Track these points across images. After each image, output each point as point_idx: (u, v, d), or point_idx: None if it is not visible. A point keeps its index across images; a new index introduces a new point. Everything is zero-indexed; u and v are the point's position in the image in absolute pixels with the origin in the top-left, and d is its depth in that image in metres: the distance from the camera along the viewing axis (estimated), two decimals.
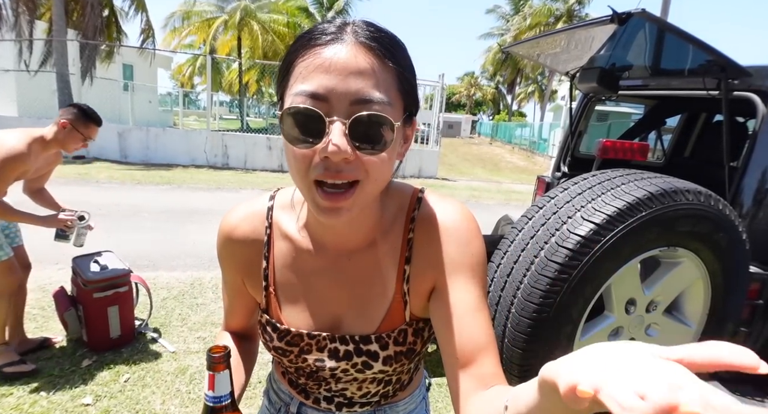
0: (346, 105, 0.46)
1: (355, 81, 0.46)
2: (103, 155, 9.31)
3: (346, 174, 0.48)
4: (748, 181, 1.69)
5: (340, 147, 0.45)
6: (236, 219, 0.66)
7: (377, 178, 0.50)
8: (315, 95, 0.46)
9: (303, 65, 0.48)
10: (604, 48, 2.03)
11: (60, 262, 3.46)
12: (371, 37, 0.48)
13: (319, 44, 0.47)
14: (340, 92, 0.46)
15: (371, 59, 0.47)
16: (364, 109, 0.46)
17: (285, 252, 0.64)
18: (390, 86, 0.48)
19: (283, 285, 0.64)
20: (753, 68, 1.76)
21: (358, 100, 0.46)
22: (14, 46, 10.13)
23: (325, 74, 0.46)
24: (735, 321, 1.53)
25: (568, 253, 1.23)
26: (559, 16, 24.61)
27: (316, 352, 0.63)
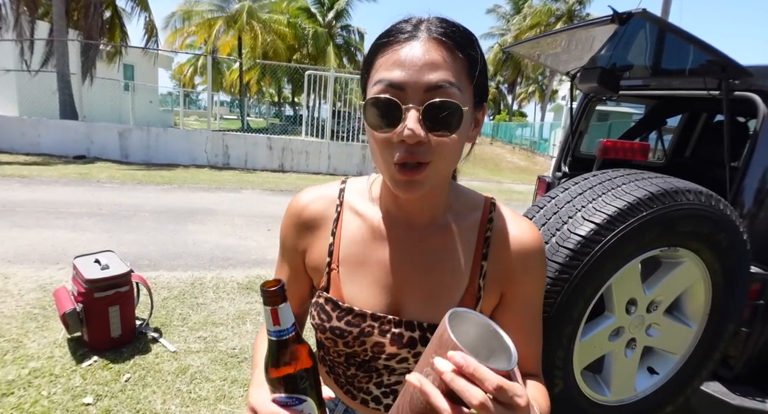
0: (420, 93, 0.52)
1: (429, 71, 0.51)
2: (104, 155, 9.32)
3: (421, 156, 0.53)
4: (748, 181, 1.69)
5: (414, 131, 0.51)
6: (308, 197, 0.69)
7: (447, 157, 0.55)
8: (393, 85, 0.52)
9: (383, 60, 0.54)
10: (604, 48, 2.02)
11: (61, 262, 3.47)
12: (443, 33, 0.53)
13: (397, 42, 0.53)
14: (415, 82, 0.51)
15: (443, 52, 0.52)
16: (436, 95, 0.51)
17: (353, 229, 0.65)
18: (460, 75, 0.53)
19: (349, 262, 0.64)
20: (754, 68, 1.76)
21: (431, 87, 0.51)
22: (15, 46, 10.14)
23: (402, 67, 0.52)
24: (736, 321, 1.52)
25: (568, 253, 1.23)
26: (559, 16, 24.58)
27: (378, 336, 0.61)
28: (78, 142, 9.21)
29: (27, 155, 8.75)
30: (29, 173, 7.02)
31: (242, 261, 3.94)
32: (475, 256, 0.62)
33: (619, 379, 1.47)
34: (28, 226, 4.34)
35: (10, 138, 8.99)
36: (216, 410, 1.98)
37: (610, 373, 1.47)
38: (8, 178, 6.56)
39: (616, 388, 1.47)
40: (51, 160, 8.50)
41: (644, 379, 1.53)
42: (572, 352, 1.33)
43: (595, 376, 1.49)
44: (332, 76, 9.79)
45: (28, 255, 3.60)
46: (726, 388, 1.59)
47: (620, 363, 1.46)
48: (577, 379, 1.39)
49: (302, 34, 21.11)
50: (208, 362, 2.32)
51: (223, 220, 5.29)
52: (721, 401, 1.54)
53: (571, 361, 1.35)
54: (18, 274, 3.23)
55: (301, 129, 11.08)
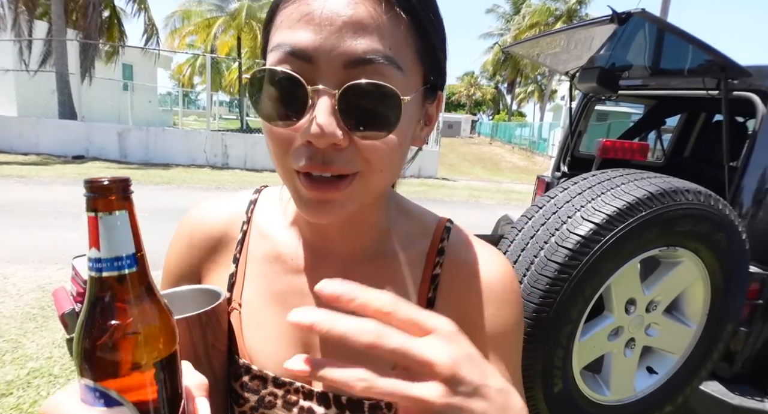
0: (337, 68, 0.34)
1: (352, 36, 0.33)
2: (103, 155, 9.31)
3: (339, 166, 0.36)
4: (747, 181, 1.70)
5: (324, 129, 0.33)
6: (205, 211, 0.53)
7: (383, 168, 0.38)
8: (296, 53, 0.34)
9: (286, 13, 0.35)
10: (603, 48, 2.03)
11: (60, 262, 3.46)
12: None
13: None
14: (330, 50, 0.33)
15: (376, 7, 0.34)
16: (363, 74, 0.34)
17: (262, 257, 0.49)
18: (402, 45, 0.35)
19: (251, 302, 0.48)
20: (752, 68, 1.76)
21: (354, 60, 0.33)
22: (14, 46, 10.13)
23: (311, 26, 0.33)
24: (735, 321, 1.53)
25: (567, 253, 1.23)
26: (559, 15, 24.63)
27: (281, 410, 0.45)
28: (77, 142, 9.19)
29: (26, 155, 8.74)
30: (28, 173, 7.01)
31: None
32: (418, 300, 0.46)
33: (618, 378, 1.47)
34: (27, 226, 4.34)
35: (8, 138, 8.98)
36: None
37: (609, 372, 1.47)
38: (7, 178, 6.55)
39: (616, 388, 1.47)
40: (50, 160, 8.49)
41: (643, 378, 1.53)
42: (571, 351, 1.34)
43: (594, 376, 1.49)
44: None
45: (27, 255, 3.59)
46: (725, 388, 1.59)
47: (619, 363, 1.46)
48: (577, 379, 1.39)
49: None
50: None
51: None
52: (720, 401, 1.55)
53: (571, 361, 1.35)
54: (17, 274, 3.22)
55: None
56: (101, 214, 0.27)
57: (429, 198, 7.78)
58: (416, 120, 0.41)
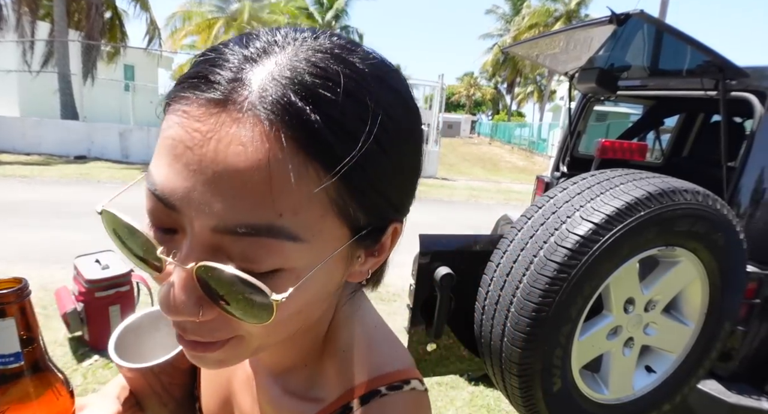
0: (205, 231, 0.25)
1: (229, 193, 0.24)
2: (105, 155, 9.33)
3: (207, 335, 0.28)
4: (745, 181, 1.70)
5: (176, 308, 0.26)
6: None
7: (270, 334, 0.30)
8: (159, 197, 0.26)
9: (165, 124, 0.26)
10: (602, 48, 2.04)
11: (62, 262, 3.47)
12: (290, 106, 0.24)
13: (189, 100, 0.25)
14: (197, 206, 0.24)
15: (272, 150, 0.23)
16: (236, 245, 0.25)
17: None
18: (308, 202, 0.25)
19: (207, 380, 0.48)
20: (750, 69, 1.77)
21: (224, 229, 0.24)
22: (16, 47, 10.15)
23: (180, 165, 0.25)
24: (732, 320, 1.54)
25: (567, 253, 1.24)
26: (558, 16, 24.64)
27: None
28: (79, 143, 9.21)
29: (28, 155, 8.76)
30: (30, 173, 7.03)
31: None
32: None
33: (616, 377, 1.48)
34: (29, 225, 4.35)
35: (11, 138, 9.00)
36: None
37: (608, 371, 1.48)
38: (9, 178, 6.57)
39: (614, 387, 1.48)
40: (52, 160, 8.51)
41: (642, 377, 1.54)
42: (570, 350, 1.35)
43: (593, 375, 1.50)
44: None
45: (29, 255, 3.61)
46: (723, 387, 1.60)
47: (618, 362, 1.47)
48: (576, 378, 1.40)
49: None
50: None
51: None
52: (717, 399, 1.56)
53: (570, 360, 1.36)
54: (19, 273, 3.24)
55: None
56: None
57: (429, 198, 7.79)
58: (337, 275, 0.31)
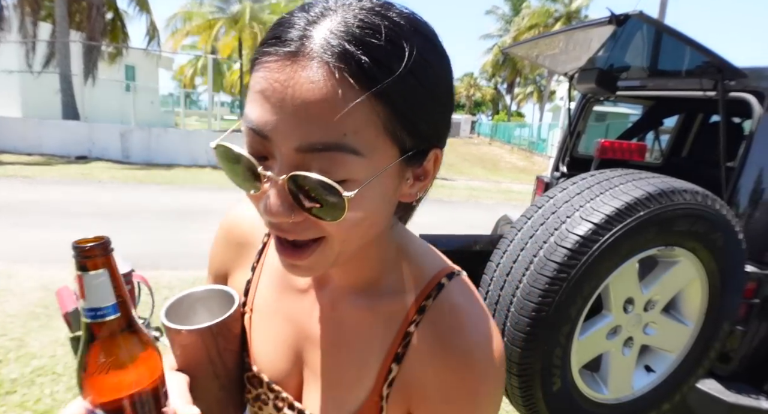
0: (290, 151, 0.33)
1: (305, 120, 0.32)
2: (106, 155, 9.34)
3: (297, 235, 0.37)
4: (744, 181, 1.71)
5: (273, 211, 0.34)
6: (239, 214, 0.57)
7: (346, 238, 0.37)
8: (254, 130, 0.34)
9: (253, 80, 0.35)
10: (602, 49, 2.04)
11: (63, 262, 3.48)
12: (345, 53, 0.31)
13: (273, 55, 0.33)
14: (283, 134, 0.33)
15: (336, 88, 0.31)
16: (314, 160, 0.33)
17: (275, 270, 0.52)
18: (365, 125, 0.33)
19: (261, 309, 0.52)
20: (749, 69, 1.78)
21: (305, 147, 0.32)
22: (18, 48, 10.17)
23: (267, 105, 0.33)
24: (731, 320, 1.54)
25: (566, 253, 1.24)
26: (558, 17, 24.64)
27: (273, 409, 0.50)
28: (80, 143, 9.23)
29: (29, 155, 8.77)
30: (31, 173, 7.04)
31: None
32: (387, 355, 0.44)
33: (616, 377, 1.49)
34: (31, 225, 4.36)
35: (12, 138, 9.02)
36: None
37: (607, 371, 1.48)
38: (11, 178, 6.58)
39: (614, 387, 1.49)
40: (53, 161, 8.53)
41: (641, 377, 1.55)
42: (570, 350, 1.35)
43: (592, 375, 1.51)
44: None
45: (31, 254, 3.62)
46: (722, 386, 1.60)
47: (617, 361, 1.48)
48: (575, 378, 1.40)
49: None
50: None
51: None
52: (716, 399, 1.56)
53: (569, 360, 1.36)
54: (21, 273, 3.25)
55: None
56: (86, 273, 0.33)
57: (429, 198, 7.66)
58: (391, 189, 0.38)
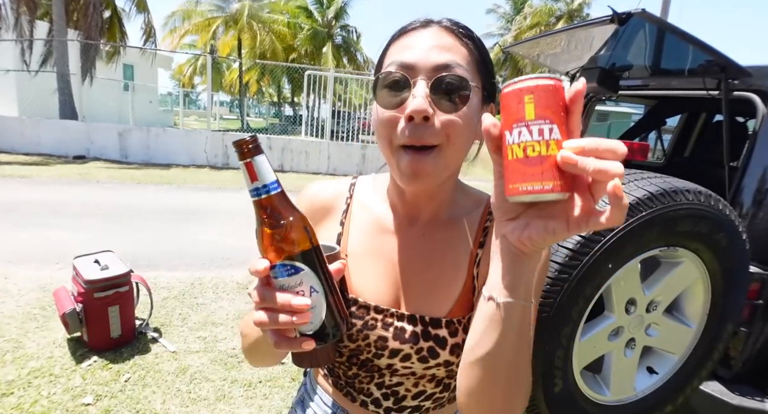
0: (429, 70, 0.52)
1: (438, 52, 0.53)
2: (104, 155, 9.31)
3: (428, 137, 0.52)
4: (748, 181, 1.69)
5: (420, 105, 0.50)
6: (321, 186, 0.71)
7: (456, 142, 0.54)
8: (403, 65, 0.53)
9: (395, 46, 0.57)
10: (604, 48, 2.03)
11: (60, 262, 3.46)
12: (453, 23, 0.57)
13: (409, 30, 0.57)
14: (424, 61, 0.53)
15: (452, 38, 0.55)
16: (445, 72, 0.52)
17: (362, 221, 0.66)
18: (468, 60, 0.55)
19: (355, 253, 0.64)
20: (753, 68, 1.76)
21: (440, 66, 0.52)
22: (15, 46, 10.13)
23: (412, 49, 0.54)
24: (735, 321, 1.53)
25: (568, 253, 1.23)
26: (560, 16, 24.61)
27: (381, 329, 0.60)
28: (77, 142, 9.20)
29: (27, 155, 8.74)
30: (29, 173, 7.02)
31: (242, 261, 3.94)
32: (474, 246, 0.62)
33: (618, 378, 1.47)
34: (28, 226, 4.34)
35: (9, 138, 8.98)
36: (216, 410, 1.98)
37: (609, 372, 1.47)
38: (8, 178, 6.55)
39: (616, 388, 1.47)
40: (51, 160, 8.50)
41: (643, 378, 1.53)
42: (572, 351, 1.34)
43: (594, 376, 1.49)
44: (332, 76, 9.79)
45: (28, 255, 3.60)
46: (725, 388, 1.59)
47: (620, 363, 1.47)
48: (577, 379, 1.39)
49: (301, 33, 21.12)
50: (207, 362, 2.33)
51: (223, 220, 5.29)
52: (720, 401, 1.55)
53: (571, 361, 1.35)
54: (18, 274, 3.23)
55: (300, 129, 11.07)
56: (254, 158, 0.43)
57: None
58: (477, 116, 0.56)
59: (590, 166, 0.34)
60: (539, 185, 0.35)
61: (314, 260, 0.45)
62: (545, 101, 0.36)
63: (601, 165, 0.33)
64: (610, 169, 0.33)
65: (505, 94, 0.38)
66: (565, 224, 0.37)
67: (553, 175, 0.35)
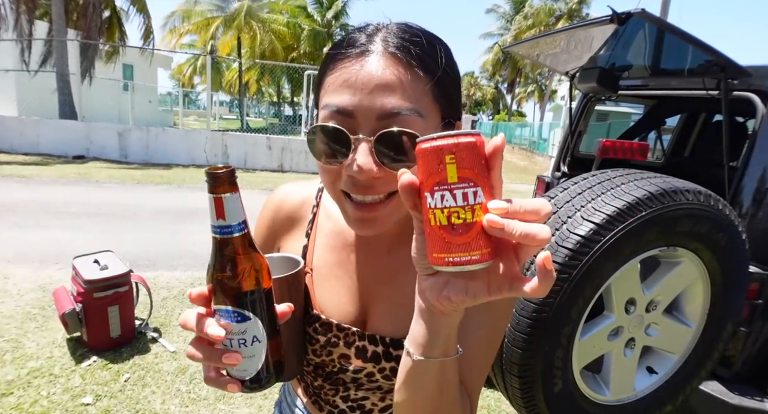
0: (372, 120, 0.45)
1: (382, 95, 0.45)
2: (103, 155, 9.31)
3: (378, 189, 0.48)
4: (747, 181, 1.70)
5: (363, 167, 0.45)
6: (289, 190, 0.68)
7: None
8: (341, 111, 0.46)
9: (331, 80, 0.48)
10: (603, 48, 2.03)
11: (60, 262, 3.46)
12: (401, 46, 0.46)
13: (348, 57, 0.47)
14: (366, 107, 0.45)
15: (400, 70, 0.46)
16: (393, 123, 0.45)
17: (327, 234, 0.63)
18: (422, 97, 0.46)
19: (320, 268, 0.62)
20: (752, 68, 1.76)
21: (385, 114, 0.45)
22: (14, 46, 10.12)
23: (351, 89, 0.45)
24: (734, 321, 1.53)
25: (568, 253, 1.23)
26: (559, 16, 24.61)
27: (344, 347, 0.59)
28: (77, 142, 9.19)
29: (26, 155, 8.74)
30: (28, 173, 7.01)
31: None
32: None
33: (618, 378, 1.47)
34: (27, 226, 4.34)
35: (9, 138, 8.98)
36: (215, 410, 1.98)
37: (609, 372, 1.47)
38: (7, 177, 6.55)
39: (615, 388, 1.48)
40: (50, 160, 8.49)
41: (643, 378, 1.54)
42: (571, 351, 1.34)
43: (594, 376, 1.49)
44: None
45: (28, 255, 3.60)
46: (725, 388, 1.59)
47: (619, 362, 1.47)
48: (576, 379, 1.39)
49: (300, 33, 21.11)
50: None
51: None
52: (719, 400, 1.55)
53: (570, 361, 1.35)
54: (17, 274, 3.23)
55: (300, 129, 11.08)
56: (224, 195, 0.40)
57: None
58: None
59: (517, 230, 0.32)
60: (466, 256, 0.33)
61: (263, 306, 0.43)
62: (468, 161, 0.33)
63: (528, 229, 0.32)
64: (537, 234, 0.32)
65: (423, 150, 0.34)
66: (486, 288, 0.36)
67: (479, 244, 0.33)
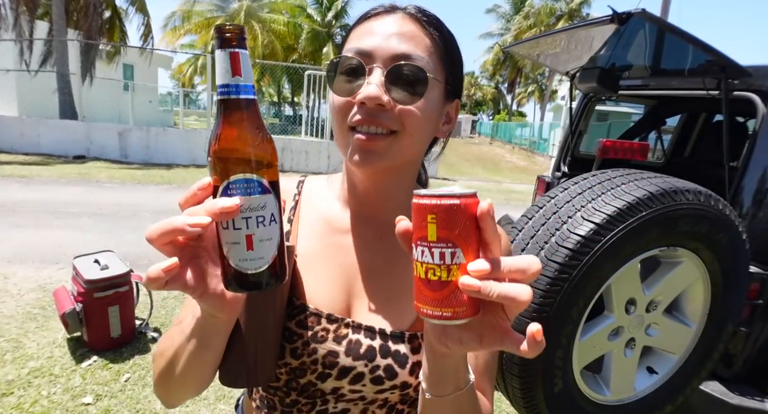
0: (387, 60, 0.50)
1: (398, 41, 0.50)
2: (104, 155, 9.31)
3: (383, 121, 0.50)
4: (748, 181, 1.69)
5: (374, 92, 0.48)
6: None
7: (413, 132, 0.51)
8: (360, 51, 0.50)
9: (356, 32, 0.53)
10: (604, 48, 2.03)
11: (60, 262, 3.46)
12: (419, 11, 0.53)
13: (372, 16, 0.53)
14: (383, 49, 0.50)
15: (416, 27, 0.52)
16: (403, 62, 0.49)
17: (311, 220, 0.60)
18: (432, 52, 0.51)
19: (305, 255, 0.57)
20: (753, 68, 1.76)
21: (398, 55, 0.49)
22: (15, 46, 10.13)
23: (371, 36, 0.51)
24: (735, 321, 1.53)
25: (568, 253, 1.23)
26: (560, 15, 24.60)
27: (332, 342, 0.52)
28: (77, 142, 9.20)
29: (26, 155, 8.74)
30: (29, 173, 7.02)
31: None
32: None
33: (618, 378, 1.47)
34: (28, 226, 4.34)
35: (9, 138, 8.98)
36: (216, 410, 1.98)
37: (609, 372, 1.47)
38: (8, 177, 6.55)
39: (616, 388, 1.47)
40: (50, 160, 8.50)
41: (643, 378, 1.53)
42: (572, 351, 1.34)
43: (594, 376, 1.49)
44: None
45: (28, 255, 3.60)
46: (725, 388, 1.59)
47: (619, 363, 1.46)
48: (577, 379, 1.39)
49: (300, 33, 21.12)
50: None
51: None
52: (720, 401, 1.55)
53: (571, 361, 1.35)
54: (17, 274, 3.23)
55: (300, 129, 11.07)
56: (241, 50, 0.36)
57: None
58: (439, 110, 0.54)
59: (494, 292, 0.32)
60: (438, 311, 0.34)
61: (278, 190, 0.39)
62: (448, 223, 0.34)
63: (506, 291, 0.31)
64: (517, 296, 0.31)
65: (413, 205, 0.35)
66: (479, 340, 0.36)
67: (452, 302, 0.34)
